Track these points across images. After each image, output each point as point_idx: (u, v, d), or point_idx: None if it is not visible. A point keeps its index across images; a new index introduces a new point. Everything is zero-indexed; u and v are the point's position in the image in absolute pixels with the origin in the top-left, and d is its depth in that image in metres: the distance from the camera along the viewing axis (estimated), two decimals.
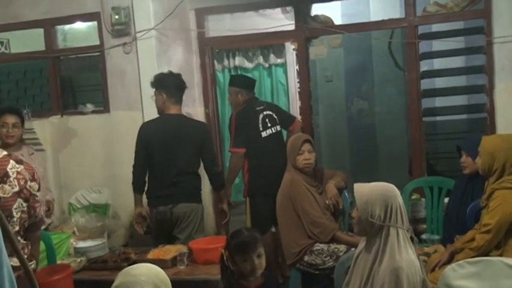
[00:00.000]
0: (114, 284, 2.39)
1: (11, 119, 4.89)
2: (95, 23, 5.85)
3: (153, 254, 4.28)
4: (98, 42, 5.84)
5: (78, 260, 4.22)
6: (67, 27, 6.27)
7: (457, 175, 4.75)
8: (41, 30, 6.09)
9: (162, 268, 2.57)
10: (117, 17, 5.54)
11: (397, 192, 3.10)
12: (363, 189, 3.11)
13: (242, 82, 5.57)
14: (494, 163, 3.85)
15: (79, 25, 6.20)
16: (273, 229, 5.27)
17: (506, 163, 3.82)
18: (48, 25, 6.04)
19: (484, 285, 3.23)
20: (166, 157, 4.76)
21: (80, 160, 5.96)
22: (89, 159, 5.90)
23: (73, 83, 6.51)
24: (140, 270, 2.45)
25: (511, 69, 5.00)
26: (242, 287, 3.33)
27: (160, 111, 4.93)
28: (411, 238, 3.10)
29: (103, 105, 5.91)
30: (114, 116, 5.80)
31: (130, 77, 5.67)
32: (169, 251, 4.27)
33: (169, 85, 4.89)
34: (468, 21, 5.92)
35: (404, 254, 2.99)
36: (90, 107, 6.06)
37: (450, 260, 3.85)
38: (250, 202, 5.38)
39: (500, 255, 3.63)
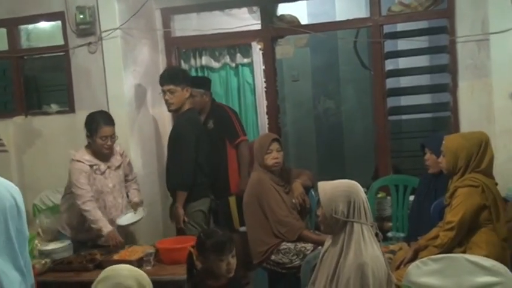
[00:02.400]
0: (98, 278, 2.41)
1: (109, 131, 4.64)
2: (59, 22, 5.77)
3: (119, 255, 4.26)
4: (62, 42, 5.77)
5: (43, 261, 4.17)
6: (31, 26, 6.16)
7: (422, 173, 4.81)
8: (4, 30, 6.00)
9: None
10: (81, 16, 5.47)
11: (360, 188, 3.16)
12: (326, 187, 3.16)
13: (204, 83, 5.66)
14: (458, 162, 3.90)
15: (43, 25, 6.11)
16: (242, 229, 5.28)
17: (470, 161, 3.87)
18: (11, 25, 5.94)
19: (447, 282, 3.28)
20: (206, 149, 5.07)
21: (45, 161, 5.88)
22: (54, 160, 5.82)
23: (37, 83, 6.42)
24: (122, 266, 2.55)
25: (474, 68, 5.07)
26: (206, 286, 3.34)
27: (175, 107, 5.07)
28: (376, 234, 3.14)
29: (68, 106, 5.84)
30: (79, 116, 5.71)
31: (96, 76, 5.60)
32: (135, 251, 4.25)
33: (190, 81, 5.16)
34: (432, 21, 6.00)
35: (370, 250, 3.04)
36: (54, 107, 5.97)
37: (415, 257, 3.89)
38: (237, 200, 5.36)
39: (463, 252, 3.68)
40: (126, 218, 4.70)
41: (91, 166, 4.64)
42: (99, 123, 4.62)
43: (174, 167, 5.00)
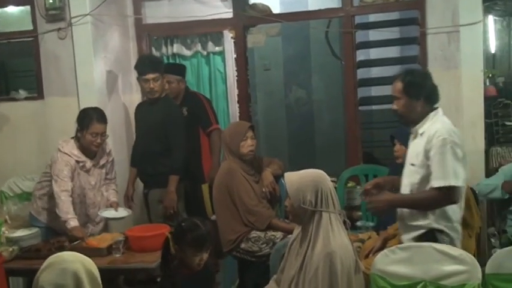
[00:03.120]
0: (42, 266, 2.38)
1: (101, 128, 4.58)
2: (28, 7, 5.68)
3: (87, 242, 4.22)
4: (31, 27, 5.69)
5: (10, 249, 4.13)
6: None
7: (391, 163, 4.85)
8: None
9: (97, 256, 2.58)
10: (51, 1, 5.39)
11: (327, 177, 3.19)
12: (293, 177, 3.19)
13: (181, 70, 5.71)
14: None
15: (11, 9, 6.01)
16: (213, 217, 5.28)
17: None
18: None
19: (414, 269, 3.32)
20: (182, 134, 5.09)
21: (13, 147, 5.80)
22: (22, 147, 5.76)
23: (5, 68, 6.34)
24: (66, 253, 2.54)
25: (444, 59, 5.12)
26: (179, 273, 3.35)
27: (159, 94, 5.07)
28: (344, 222, 3.17)
29: (37, 92, 5.77)
30: (48, 102, 5.67)
31: (65, 63, 5.54)
32: (104, 239, 4.23)
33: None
34: (403, 12, 6.05)
35: (338, 238, 3.07)
36: (23, 93, 5.89)
37: (383, 246, 3.91)
38: (210, 188, 5.34)
39: None
40: (111, 213, 4.67)
41: (77, 162, 4.60)
42: (91, 119, 4.57)
43: (168, 151, 5.02)
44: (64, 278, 2.31)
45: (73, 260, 2.38)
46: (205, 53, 7.14)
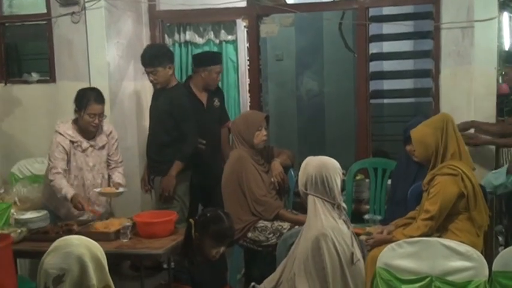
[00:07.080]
0: (48, 250, 2.37)
1: (98, 109, 4.57)
2: None
3: (95, 226, 4.24)
4: (45, 11, 5.69)
5: (19, 230, 4.15)
6: None
7: (399, 156, 4.82)
8: None
9: (105, 241, 2.57)
10: None
11: (334, 166, 3.23)
12: (305, 162, 3.26)
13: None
14: (427, 150, 3.92)
15: None
16: None
17: (438, 145, 3.89)
18: None
19: (421, 264, 3.32)
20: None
21: (24, 130, 5.83)
22: (33, 129, 5.78)
23: (18, 51, 6.34)
24: (73, 237, 2.49)
25: (457, 54, 5.09)
26: (195, 259, 3.39)
27: (161, 85, 5.03)
28: (338, 206, 3.21)
29: (49, 75, 5.78)
30: (60, 86, 5.68)
31: (78, 47, 5.55)
32: (112, 224, 4.24)
33: (172, 56, 5.17)
34: (418, 6, 6.02)
35: (324, 221, 3.13)
36: (35, 76, 5.91)
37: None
38: None
39: (439, 237, 3.71)
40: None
41: (72, 142, 4.60)
42: (89, 99, 4.56)
43: (172, 141, 5.00)
44: (68, 262, 2.29)
45: (79, 244, 2.36)
46: (217, 41, 7.11)
